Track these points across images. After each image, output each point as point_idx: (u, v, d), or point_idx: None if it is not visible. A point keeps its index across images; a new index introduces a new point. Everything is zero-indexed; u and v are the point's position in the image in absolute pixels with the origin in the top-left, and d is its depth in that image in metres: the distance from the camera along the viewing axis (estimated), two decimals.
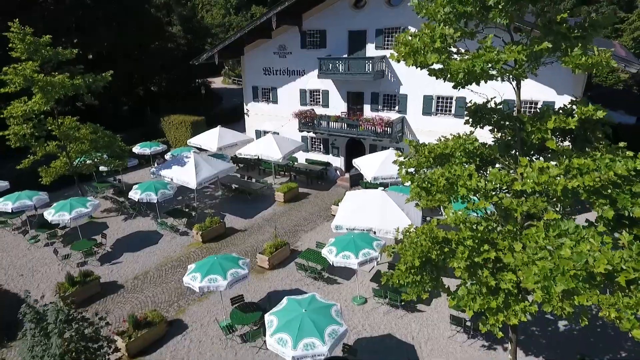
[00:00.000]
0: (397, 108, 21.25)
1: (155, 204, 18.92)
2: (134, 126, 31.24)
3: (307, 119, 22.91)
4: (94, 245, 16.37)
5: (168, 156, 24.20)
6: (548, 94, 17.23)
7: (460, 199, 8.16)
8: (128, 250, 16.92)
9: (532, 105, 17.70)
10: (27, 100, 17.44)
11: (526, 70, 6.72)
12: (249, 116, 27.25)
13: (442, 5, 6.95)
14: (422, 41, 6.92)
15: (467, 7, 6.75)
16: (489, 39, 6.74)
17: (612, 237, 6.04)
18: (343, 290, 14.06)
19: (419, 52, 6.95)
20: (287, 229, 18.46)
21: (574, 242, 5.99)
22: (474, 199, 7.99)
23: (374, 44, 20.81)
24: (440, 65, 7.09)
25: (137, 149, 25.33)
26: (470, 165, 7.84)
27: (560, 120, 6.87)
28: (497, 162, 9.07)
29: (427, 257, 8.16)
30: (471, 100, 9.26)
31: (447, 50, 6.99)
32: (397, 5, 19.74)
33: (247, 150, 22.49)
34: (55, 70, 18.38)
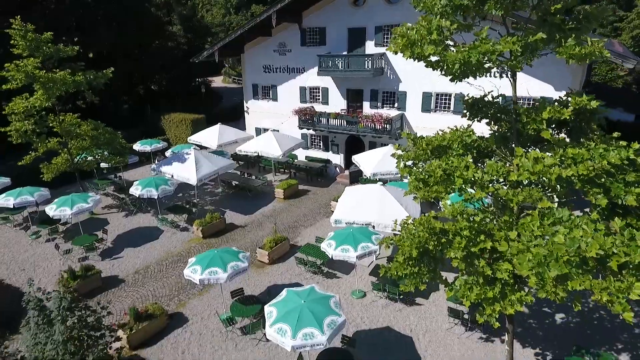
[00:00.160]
0: (396, 105, 21.37)
1: (156, 200, 19.06)
2: (134, 125, 31.34)
3: (307, 116, 23.05)
4: (95, 240, 16.48)
5: (168, 153, 24.31)
6: (546, 90, 17.35)
7: (458, 191, 8.29)
8: (129, 246, 17.04)
9: (530, 102, 17.78)
10: (29, 96, 17.58)
11: (521, 62, 6.82)
12: (249, 114, 27.36)
13: None
14: (419, 33, 7.03)
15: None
16: (485, 30, 6.85)
17: (605, 224, 6.15)
18: (342, 284, 14.18)
19: (415, 44, 7.07)
20: (286, 225, 18.58)
21: (567, 229, 6.10)
22: (471, 191, 8.10)
23: (374, 41, 20.92)
24: (437, 57, 7.20)
25: (138, 146, 25.46)
26: (466, 157, 7.95)
27: (554, 111, 6.98)
28: (494, 155, 9.18)
29: (424, 248, 8.27)
30: (468, 94, 9.38)
31: (443, 42, 7.10)
32: (396, 3, 19.85)
33: (247, 147, 22.63)
34: (57, 67, 18.50)
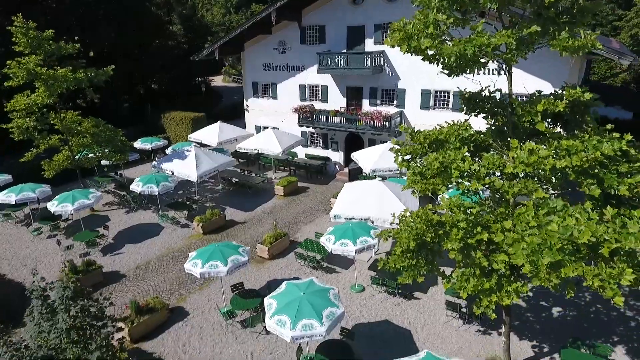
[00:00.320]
0: (395, 102, 21.49)
1: (157, 197, 19.19)
2: (134, 124, 31.44)
3: (307, 114, 23.16)
4: (96, 236, 16.61)
5: (169, 151, 24.43)
6: (544, 88, 17.30)
7: (455, 184, 8.42)
8: (130, 242, 17.17)
9: (527, 98, 17.88)
10: (30, 94, 17.71)
11: (516, 55, 6.95)
12: (249, 112, 27.49)
13: None
14: (416, 27, 7.16)
15: None
16: (480, 24, 6.98)
17: (598, 213, 6.27)
18: (341, 279, 14.30)
19: (412, 38, 7.20)
20: (286, 221, 18.70)
21: (561, 218, 6.23)
22: (467, 184, 8.22)
23: (373, 39, 21.04)
24: (434, 50, 7.32)
25: (138, 144, 25.57)
26: (462, 149, 8.07)
27: (549, 103, 7.11)
28: (490, 148, 9.31)
29: (422, 239, 8.39)
30: (465, 88, 9.50)
31: (440, 36, 7.22)
32: (394, 1, 19.97)
33: (247, 145, 22.75)
34: (58, 64, 18.63)
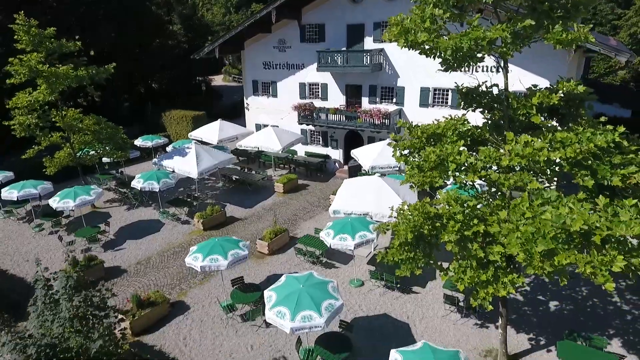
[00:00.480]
0: (394, 100, 21.61)
1: (157, 194, 19.32)
2: (134, 123, 31.55)
3: (307, 112, 23.28)
4: (97, 232, 16.74)
5: (169, 149, 24.54)
6: (542, 85, 17.52)
7: (452, 177, 8.54)
8: (131, 238, 17.30)
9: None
10: (32, 91, 17.84)
11: (511, 49, 7.08)
12: (249, 110, 27.63)
13: None
14: (413, 21, 7.29)
15: None
16: (476, 19, 7.11)
17: (591, 203, 6.39)
18: (341, 273, 14.43)
19: (409, 32, 7.33)
20: (286, 218, 18.83)
21: (555, 208, 6.35)
22: (464, 177, 8.34)
23: (372, 37, 21.17)
24: (430, 45, 7.45)
25: (139, 141, 25.70)
26: (459, 142, 8.20)
27: (543, 96, 7.24)
28: (487, 143, 9.43)
29: (419, 232, 8.51)
30: (462, 84, 9.63)
31: (436, 31, 7.35)
32: None
33: (247, 142, 22.87)
34: (60, 62, 18.76)
